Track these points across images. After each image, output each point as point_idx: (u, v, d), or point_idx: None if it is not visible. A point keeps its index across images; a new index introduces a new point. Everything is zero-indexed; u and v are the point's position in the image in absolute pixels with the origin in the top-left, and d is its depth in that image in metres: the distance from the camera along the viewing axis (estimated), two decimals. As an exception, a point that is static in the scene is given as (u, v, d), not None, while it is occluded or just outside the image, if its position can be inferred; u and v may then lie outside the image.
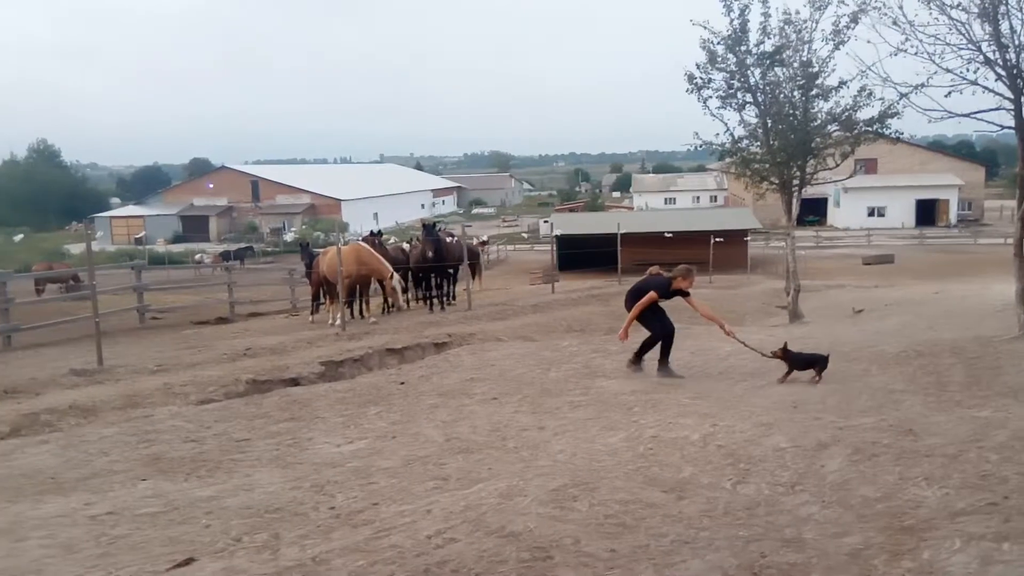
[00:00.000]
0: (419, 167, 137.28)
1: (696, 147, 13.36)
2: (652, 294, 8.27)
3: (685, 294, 8.45)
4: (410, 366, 9.82)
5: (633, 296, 8.54)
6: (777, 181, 13.38)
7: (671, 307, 8.83)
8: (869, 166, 59.36)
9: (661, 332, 8.36)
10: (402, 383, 8.29)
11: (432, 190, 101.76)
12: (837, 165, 13.17)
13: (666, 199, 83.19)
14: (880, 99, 12.28)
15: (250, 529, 4.09)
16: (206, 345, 13.04)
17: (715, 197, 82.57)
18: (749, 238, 38.12)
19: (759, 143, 13.35)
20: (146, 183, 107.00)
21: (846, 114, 12.43)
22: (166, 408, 7.67)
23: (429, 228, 16.03)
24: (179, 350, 12.55)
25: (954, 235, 54.81)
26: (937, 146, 72.69)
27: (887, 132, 12.63)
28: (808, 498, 4.31)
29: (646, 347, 8.44)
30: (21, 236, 69.59)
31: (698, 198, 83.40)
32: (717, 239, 30.22)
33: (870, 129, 12.52)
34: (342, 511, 4.35)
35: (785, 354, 7.76)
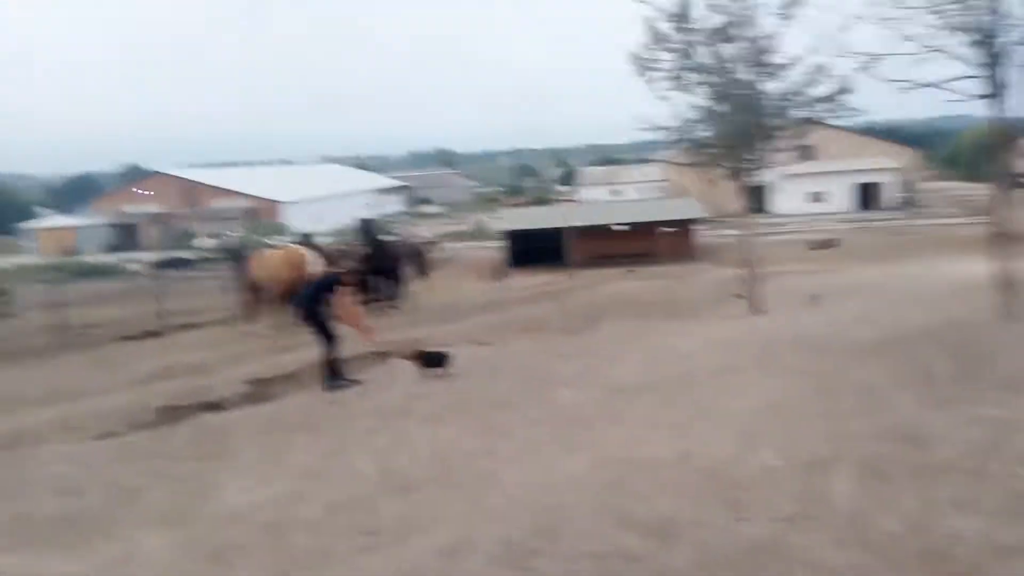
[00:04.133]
0: (363, 167, 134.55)
1: (646, 129, 12.63)
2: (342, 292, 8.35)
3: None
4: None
5: (314, 298, 8.35)
6: (729, 165, 12.77)
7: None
8: (807, 153, 60.03)
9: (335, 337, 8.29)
10: (333, 403, 7.34)
11: (378, 190, 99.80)
12: (792, 149, 12.64)
13: (612, 191, 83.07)
14: (832, 76, 11.80)
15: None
16: (123, 364, 11.84)
17: (660, 187, 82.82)
18: (703, 227, 37.97)
19: (710, 125, 12.70)
20: (77, 192, 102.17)
21: (798, 93, 11.88)
22: (58, 447, 6.58)
23: (366, 223, 14.99)
24: (94, 370, 11.33)
25: (893, 217, 55.76)
26: (869, 131, 74.07)
27: (840, 112, 12.12)
28: (820, 536, 3.56)
29: (335, 361, 8.26)
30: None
31: (643, 189, 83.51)
32: (665, 229, 29.77)
33: (823, 107, 11.99)
34: (241, 589, 3.43)
35: (420, 355, 8.31)
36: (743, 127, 12.27)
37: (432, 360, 8.21)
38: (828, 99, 12.00)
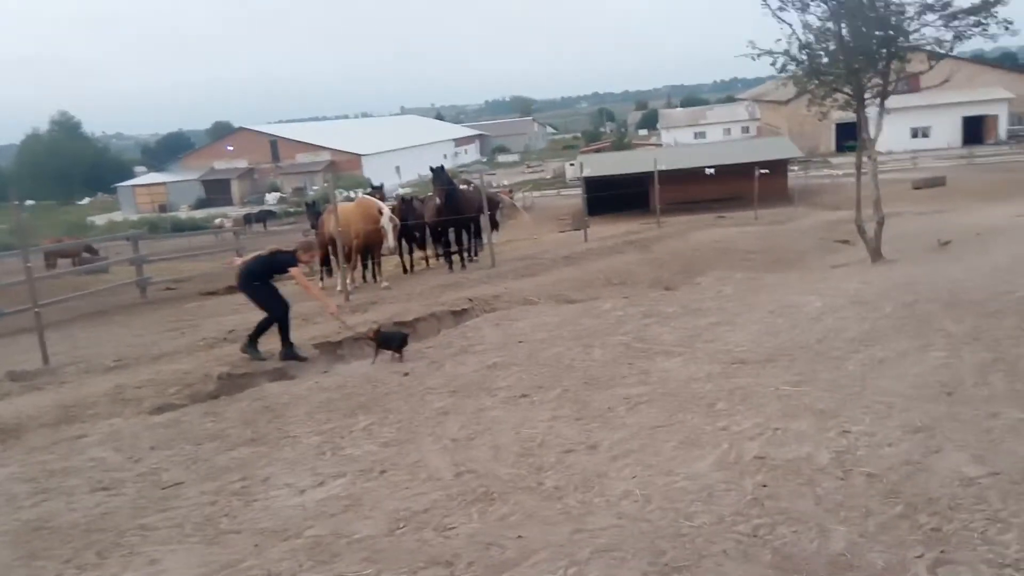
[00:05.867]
0: (440, 117, 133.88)
1: (755, 57, 11.06)
2: (298, 271, 7.78)
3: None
4: (420, 344, 8.03)
5: (252, 276, 7.83)
6: (851, 92, 11.08)
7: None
8: (911, 83, 55.03)
9: (280, 311, 7.74)
10: (405, 374, 6.50)
11: (454, 140, 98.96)
12: (931, 67, 10.83)
13: (696, 133, 79.41)
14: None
15: None
16: (193, 324, 11.42)
17: (747, 128, 78.67)
18: (798, 168, 35.66)
19: (828, 46, 11.00)
20: (170, 150, 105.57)
21: (939, 5, 10.05)
22: (107, 423, 6.00)
23: (438, 172, 13.98)
24: (161, 333, 10.93)
25: (1005, 152, 50.86)
26: (980, 59, 67.33)
27: (993, 24, 10.22)
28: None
29: (262, 329, 7.75)
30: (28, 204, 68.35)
31: (729, 130, 79.49)
32: (762, 171, 27.68)
33: (968, 22, 10.14)
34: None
35: (377, 335, 7.52)
36: (869, 48, 10.57)
37: (387, 341, 7.41)
38: (975, 11, 10.15)
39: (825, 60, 10.93)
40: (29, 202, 65.80)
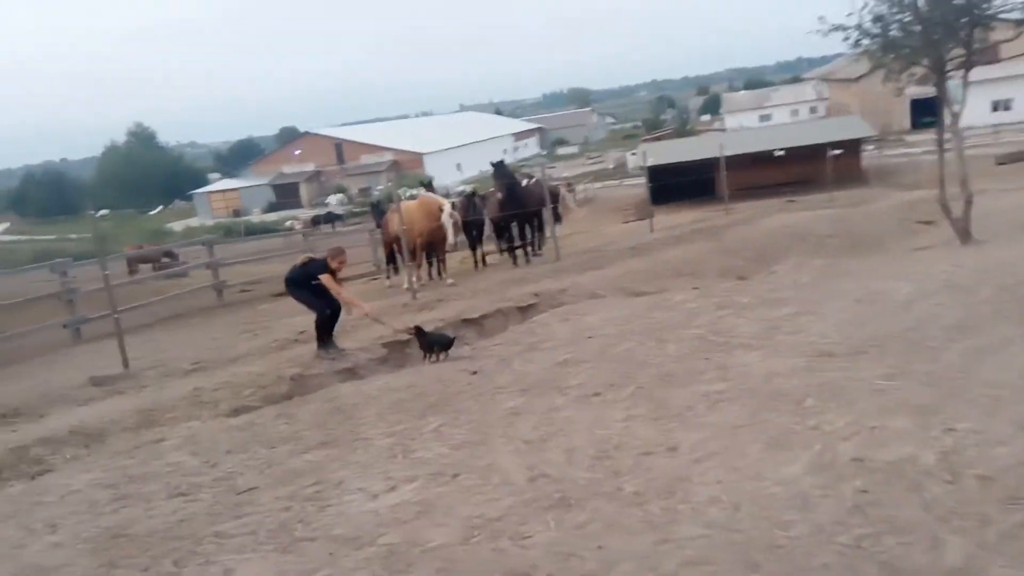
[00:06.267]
0: (499, 112, 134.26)
1: (825, 33, 10.54)
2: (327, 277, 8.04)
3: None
4: (488, 342, 7.94)
5: (298, 285, 8.32)
6: (928, 64, 10.44)
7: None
8: (989, 54, 51.81)
9: (322, 308, 8.18)
10: (474, 373, 6.40)
11: (513, 134, 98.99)
12: (1018, 35, 10.11)
13: (761, 116, 77.16)
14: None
15: None
16: (266, 326, 11.63)
17: (815, 108, 76.00)
18: (874, 147, 34.21)
19: (903, 18, 10.40)
20: (241, 156, 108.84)
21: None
22: (186, 426, 6.12)
23: (498, 166, 13.87)
24: (236, 335, 11.17)
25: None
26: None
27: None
28: None
29: (322, 328, 8.22)
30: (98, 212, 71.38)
31: (796, 112, 76.99)
32: (834, 152, 26.59)
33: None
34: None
35: (418, 332, 7.53)
36: (948, 17, 9.95)
37: (431, 344, 7.38)
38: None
39: (900, 34, 10.32)
40: (103, 212, 68.68)
